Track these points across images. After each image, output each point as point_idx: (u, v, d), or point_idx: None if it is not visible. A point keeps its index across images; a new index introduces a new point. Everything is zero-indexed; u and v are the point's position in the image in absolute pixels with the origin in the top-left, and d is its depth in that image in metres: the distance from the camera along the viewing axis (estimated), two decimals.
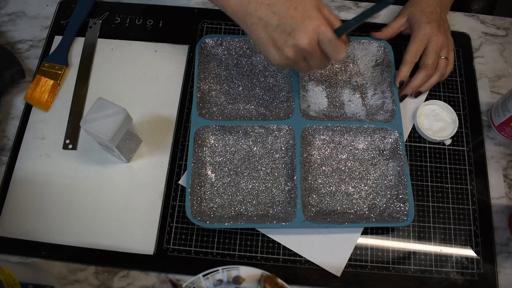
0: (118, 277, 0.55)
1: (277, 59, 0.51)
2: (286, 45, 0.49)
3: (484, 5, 0.88)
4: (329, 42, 0.48)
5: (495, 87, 0.67)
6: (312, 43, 0.48)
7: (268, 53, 0.51)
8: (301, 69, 0.53)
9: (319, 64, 0.51)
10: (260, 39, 0.50)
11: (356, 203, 0.58)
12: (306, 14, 0.47)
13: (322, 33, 0.48)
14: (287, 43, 0.49)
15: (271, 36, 0.49)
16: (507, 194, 0.60)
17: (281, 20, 0.48)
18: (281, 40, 0.49)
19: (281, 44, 0.49)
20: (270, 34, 0.49)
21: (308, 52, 0.49)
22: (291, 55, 0.49)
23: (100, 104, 0.51)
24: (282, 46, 0.49)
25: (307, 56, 0.50)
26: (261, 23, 0.49)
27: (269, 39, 0.50)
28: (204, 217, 0.55)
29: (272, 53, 0.51)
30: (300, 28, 0.47)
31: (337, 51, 0.49)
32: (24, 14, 0.70)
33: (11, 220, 0.56)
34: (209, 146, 0.60)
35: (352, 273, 0.55)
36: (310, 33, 0.47)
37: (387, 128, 0.59)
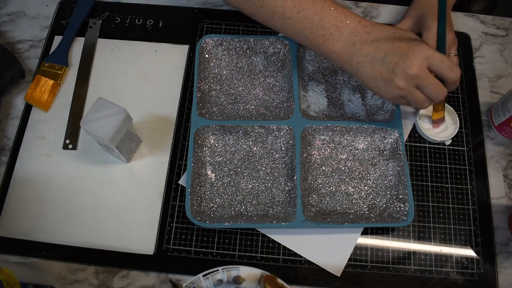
0: (118, 277, 0.55)
1: (388, 92, 0.50)
2: (395, 75, 0.48)
3: (484, 5, 0.88)
4: (441, 62, 0.47)
5: (495, 87, 0.67)
6: (422, 68, 0.47)
7: (379, 88, 0.50)
8: (418, 101, 0.50)
9: (434, 90, 0.49)
10: (368, 75, 0.50)
11: (356, 203, 0.58)
12: (411, 42, 0.48)
13: (431, 56, 0.47)
14: (396, 72, 0.48)
15: (379, 71, 0.49)
16: (507, 194, 0.60)
17: (387, 52, 0.48)
18: (390, 71, 0.48)
19: (390, 75, 0.48)
20: (378, 69, 0.49)
21: (419, 78, 0.48)
22: (402, 84, 0.48)
23: (100, 104, 0.51)
24: (392, 77, 0.48)
25: (419, 83, 0.49)
26: (367, 60, 0.49)
27: (377, 73, 0.49)
28: (204, 217, 0.55)
29: (382, 87, 0.50)
30: (408, 55, 0.47)
31: (451, 69, 0.48)
32: (24, 14, 0.70)
33: (11, 220, 0.56)
34: (209, 146, 0.60)
35: (352, 273, 0.55)
36: (418, 58, 0.47)
37: (387, 128, 0.59)
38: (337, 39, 0.51)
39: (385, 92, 0.51)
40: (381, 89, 0.50)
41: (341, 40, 0.51)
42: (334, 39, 0.51)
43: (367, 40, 0.49)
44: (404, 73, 0.48)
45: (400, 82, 0.48)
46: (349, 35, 0.50)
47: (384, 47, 0.48)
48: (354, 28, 0.50)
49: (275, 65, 0.65)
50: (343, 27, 0.50)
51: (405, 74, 0.48)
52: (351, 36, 0.50)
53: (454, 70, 0.48)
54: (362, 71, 0.50)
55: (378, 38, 0.49)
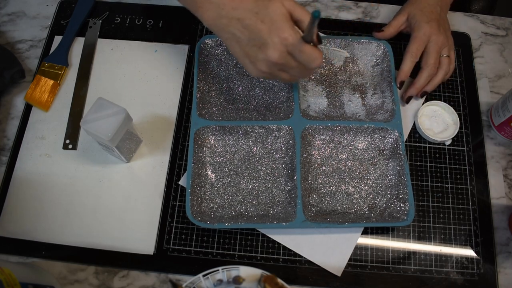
0: (118, 277, 0.55)
1: (253, 72, 0.51)
2: (258, 60, 0.49)
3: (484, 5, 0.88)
4: (300, 53, 0.47)
5: (495, 87, 0.67)
6: (283, 55, 0.48)
7: (245, 66, 0.51)
8: (284, 80, 0.52)
9: (299, 73, 0.51)
10: (236, 53, 0.51)
11: (356, 203, 0.58)
12: (273, 26, 0.47)
13: (290, 45, 0.47)
14: (258, 57, 0.49)
15: (244, 51, 0.50)
16: (507, 194, 0.60)
17: (251, 35, 0.48)
18: (253, 55, 0.49)
19: (254, 59, 0.49)
20: (243, 49, 0.50)
21: (281, 65, 0.49)
22: (265, 69, 0.49)
23: (100, 104, 0.51)
24: (255, 61, 0.49)
25: (282, 68, 0.50)
26: (234, 38, 0.50)
27: (243, 53, 0.50)
28: (204, 217, 0.55)
29: (248, 66, 0.51)
30: (268, 41, 0.47)
31: (311, 60, 0.48)
32: (24, 14, 0.70)
33: (11, 220, 0.56)
34: (209, 146, 0.60)
35: (352, 273, 0.55)
36: (278, 46, 0.47)
37: (387, 128, 0.59)
38: (206, 8, 0.50)
39: (250, 71, 0.51)
40: (247, 67, 0.51)
41: (209, 10, 0.50)
42: (204, 8, 0.50)
43: (232, 16, 0.49)
44: (266, 59, 0.48)
45: (263, 67, 0.49)
46: (217, 7, 0.49)
47: (248, 29, 0.48)
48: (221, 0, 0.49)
49: None
50: None
51: (266, 60, 0.48)
52: (218, 8, 0.49)
53: (313, 61, 0.48)
54: (230, 47, 0.51)
55: (243, 17, 0.48)
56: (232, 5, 0.49)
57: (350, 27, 0.70)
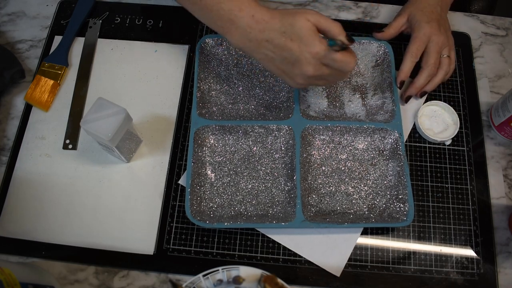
0: (118, 277, 0.55)
1: (293, 86, 0.54)
2: (295, 75, 0.51)
3: (484, 5, 0.88)
4: (334, 62, 0.49)
5: (495, 87, 0.67)
6: (317, 68, 0.50)
7: (284, 80, 0.54)
8: (323, 85, 0.55)
9: (336, 78, 0.53)
10: (273, 71, 0.53)
11: (355, 203, 0.58)
12: (302, 43, 0.48)
13: (323, 58, 0.49)
14: (295, 73, 0.51)
15: (280, 68, 0.52)
16: (507, 194, 0.60)
17: (283, 53, 0.50)
18: (289, 71, 0.51)
19: (291, 74, 0.52)
20: (278, 66, 0.52)
21: (318, 76, 0.51)
22: (303, 82, 0.52)
23: (100, 104, 0.51)
24: (293, 76, 0.52)
25: (320, 77, 0.52)
26: (267, 58, 0.51)
27: (279, 70, 0.52)
28: (204, 217, 0.55)
29: (287, 81, 0.53)
30: (300, 58, 0.49)
31: (345, 65, 0.50)
32: (24, 14, 0.70)
33: (11, 220, 0.56)
34: (209, 146, 0.60)
35: (352, 273, 0.55)
36: (311, 60, 0.49)
37: (387, 128, 0.59)
38: (234, 33, 0.51)
39: (290, 84, 0.54)
40: (286, 81, 0.54)
41: (237, 34, 0.51)
42: (232, 33, 0.51)
43: (261, 39, 0.50)
44: (302, 75, 0.51)
45: (301, 80, 0.52)
46: (244, 30, 0.50)
47: (279, 49, 0.49)
48: (247, 23, 0.49)
49: None
50: (237, 21, 0.50)
51: (303, 75, 0.51)
52: (246, 32, 0.50)
53: (347, 65, 0.50)
54: (265, 66, 0.53)
55: (272, 38, 0.49)
56: (259, 28, 0.49)
57: (350, 27, 0.70)
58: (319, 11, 0.70)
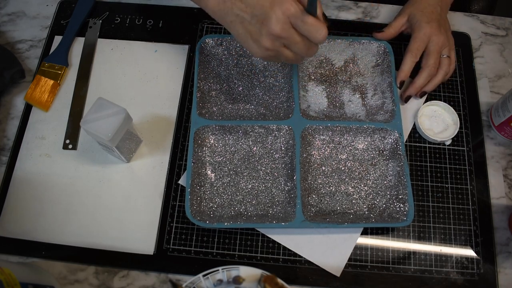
0: (118, 277, 0.55)
1: (258, 52, 0.50)
2: (261, 35, 0.48)
3: (484, 5, 0.88)
4: (303, 23, 0.46)
5: (495, 87, 0.67)
6: (285, 27, 0.47)
7: (249, 47, 0.51)
8: (288, 58, 0.51)
9: (303, 49, 0.49)
10: (239, 35, 0.51)
11: (355, 203, 0.58)
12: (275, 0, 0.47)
13: (292, 15, 0.46)
14: (262, 32, 0.48)
15: (248, 30, 0.49)
16: (507, 194, 0.60)
17: (253, 11, 0.48)
18: (256, 31, 0.49)
19: (257, 36, 0.49)
20: (247, 28, 0.49)
21: (285, 38, 0.48)
22: (269, 44, 0.49)
23: (100, 104, 0.51)
24: (258, 37, 0.49)
25: (286, 43, 0.49)
26: (238, 19, 0.50)
27: (247, 33, 0.50)
28: (204, 217, 0.55)
29: (251, 46, 0.50)
30: (270, 15, 0.47)
31: (315, 30, 0.47)
32: (24, 14, 0.70)
33: (11, 220, 0.56)
34: (209, 146, 0.60)
35: (352, 273, 0.55)
36: (280, 17, 0.46)
37: (387, 129, 0.59)
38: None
39: (254, 51, 0.51)
40: (250, 47, 0.51)
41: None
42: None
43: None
44: (269, 33, 0.47)
45: (266, 42, 0.48)
46: None
47: (250, 6, 0.48)
48: None
49: (275, 65, 0.65)
50: None
51: (269, 34, 0.48)
52: None
53: (317, 32, 0.47)
54: (234, 30, 0.51)
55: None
56: None
57: (350, 27, 0.70)
58: None
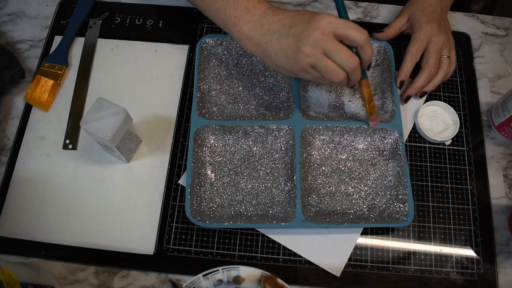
0: (118, 277, 0.55)
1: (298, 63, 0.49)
2: (301, 43, 0.48)
3: (484, 5, 0.88)
4: (344, 24, 0.47)
5: (495, 87, 0.67)
6: (326, 32, 0.47)
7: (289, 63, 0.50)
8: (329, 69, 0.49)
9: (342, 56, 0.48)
10: (277, 52, 0.50)
11: (355, 203, 0.58)
12: (313, 14, 0.49)
13: (333, 21, 0.47)
14: (301, 40, 0.48)
15: (286, 44, 0.50)
16: (507, 194, 0.60)
17: (292, 24, 0.49)
18: (296, 41, 0.49)
19: (297, 44, 0.49)
20: (285, 42, 0.50)
21: (325, 43, 0.47)
22: (309, 51, 0.48)
23: (100, 104, 0.51)
24: (298, 45, 0.48)
25: (326, 49, 0.48)
26: (275, 37, 0.50)
27: (285, 47, 0.50)
28: (204, 217, 0.55)
29: (291, 60, 0.50)
30: (311, 23, 0.48)
31: (357, 29, 0.48)
32: (24, 14, 0.70)
33: (11, 220, 0.56)
34: (209, 146, 0.60)
35: (352, 273, 0.55)
36: (320, 24, 0.47)
37: (387, 129, 0.59)
38: (247, 21, 0.52)
39: (295, 64, 0.50)
40: (291, 62, 0.50)
41: (251, 22, 0.52)
42: (245, 21, 0.52)
43: (274, 20, 0.51)
44: (309, 39, 0.48)
45: (306, 49, 0.48)
46: (259, 17, 0.52)
47: (289, 22, 0.50)
48: (264, 11, 0.52)
49: None
50: (254, 10, 0.52)
51: (310, 40, 0.48)
52: (260, 18, 0.52)
53: (360, 30, 0.48)
54: (271, 49, 0.51)
55: (284, 17, 0.51)
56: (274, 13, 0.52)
57: None
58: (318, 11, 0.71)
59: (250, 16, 0.52)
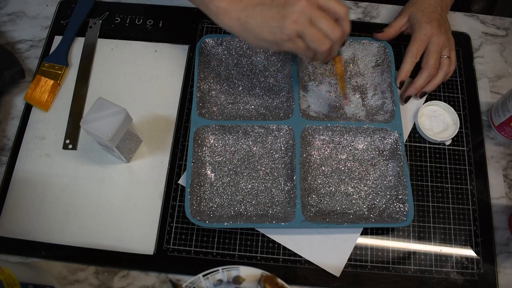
0: (118, 277, 0.55)
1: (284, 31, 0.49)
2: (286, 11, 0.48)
3: (484, 5, 0.88)
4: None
5: (495, 87, 0.67)
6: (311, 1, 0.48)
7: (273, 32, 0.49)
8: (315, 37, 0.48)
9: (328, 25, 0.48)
10: (259, 24, 0.49)
11: (355, 203, 0.58)
12: None
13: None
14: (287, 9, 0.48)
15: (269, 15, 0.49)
16: (507, 194, 0.60)
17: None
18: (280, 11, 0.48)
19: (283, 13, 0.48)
20: (267, 14, 0.49)
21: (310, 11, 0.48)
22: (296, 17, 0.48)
23: (100, 104, 0.51)
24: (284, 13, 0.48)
25: (312, 17, 0.48)
26: (256, 10, 0.49)
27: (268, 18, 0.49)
28: (204, 217, 0.55)
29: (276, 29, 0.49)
30: None
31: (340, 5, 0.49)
32: (24, 14, 0.70)
33: (11, 220, 0.56)
34: (208, 145, 0.60)
35: (352, 273, 0.55)
36: None
37: (386, 129, 0.59)
38: None
39: (280, 33, 0.49)
40: (275, 31, 0.49)
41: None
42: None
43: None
44: (295, 6, 0.48)
45: (294, 16, 0.48)
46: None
47: None
48: None
49: (275, 65, 0.65)
50: None
51: (297, 8, 0.48)
52: None
53: (340, 3, 0.49)
54: (252, 22, 0.50)
55: None
56: None
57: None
58: None
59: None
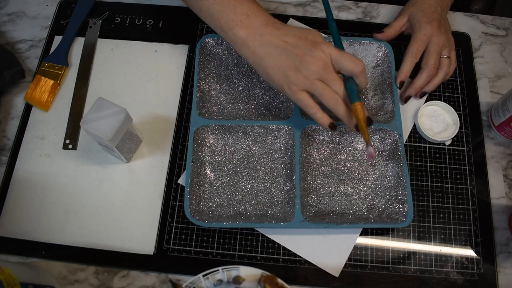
0: (118, 277, 0.55)
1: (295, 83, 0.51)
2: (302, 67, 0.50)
3: (484, 5, 0.88)
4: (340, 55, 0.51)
5: (495, 87, 0.67)
6: (327, 61, 0.51)
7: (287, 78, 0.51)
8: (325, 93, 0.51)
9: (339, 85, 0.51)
10: (275, 66, 0.52)
11: (355, 203, 0.58)
12: (314, 41, 0.51)
13: (333, 53, 0.51)
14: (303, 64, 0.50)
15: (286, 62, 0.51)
16: (507, 194, 0.60)
17: (295, 46, 0.51)
18: (297, 63, 0.51)
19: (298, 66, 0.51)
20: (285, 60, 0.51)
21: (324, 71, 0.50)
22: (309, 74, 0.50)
23: (100, 104, 0.51)
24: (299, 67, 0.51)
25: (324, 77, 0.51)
26: (276, 51, 0.51)
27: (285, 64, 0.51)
28: (203, 217, 0.55)
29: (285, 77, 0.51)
30: (314, 51, 0.50)
31: (354, 61, 0.51)
32: (24, 14, 0.70)
33: (11, 220, 0.56)
34: (208, 145, 0.60)
35: (352, 273, 0.55)
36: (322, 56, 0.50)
37: (386, 129, 0.59)
38: (246, 26, 0.52)
39: (292, 82, 0.51)
40: (290, 79, 0.51)
41: (250, 28, 0.52)
42: (243, 26, 0.52)
43: (276, 34, 0.52)
44: (311, 66, 0.50)
45: (306, 72, 0.50)
46: (259, 26, 0.52)
47: (292, 42, 0.51)
48: (265, 21, 0.53)
49: None
50: (254, 17, 0.53)
51: (312, 67, 0.50)
52: (260, 27, 0.52)
53: (355, 62, 0.51)
54: (270, 61, 0.52)
55: (287, 33, 0.52)
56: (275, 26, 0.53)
57: (350, 27, 0.70)
58: (319, 11, 0.71)
59: (249, 22, 0.52)
